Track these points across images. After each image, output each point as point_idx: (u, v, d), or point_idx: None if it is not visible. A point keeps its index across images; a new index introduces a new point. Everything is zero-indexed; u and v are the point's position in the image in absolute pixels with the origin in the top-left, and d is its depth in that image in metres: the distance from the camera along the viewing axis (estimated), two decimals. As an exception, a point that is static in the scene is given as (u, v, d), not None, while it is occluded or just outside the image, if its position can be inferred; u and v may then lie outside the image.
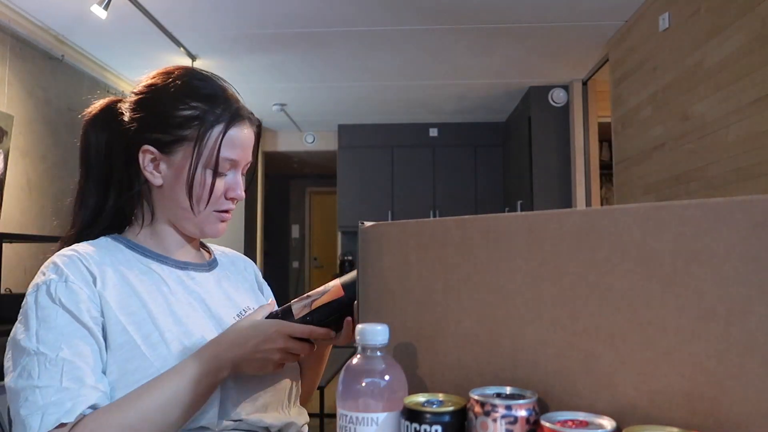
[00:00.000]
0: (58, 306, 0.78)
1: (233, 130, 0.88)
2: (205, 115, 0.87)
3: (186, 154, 0.87)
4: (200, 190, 0.87)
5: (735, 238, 0.48)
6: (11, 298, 2.99)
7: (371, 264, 0.73)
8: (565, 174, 4.79)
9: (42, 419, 0.71)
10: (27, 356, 0.75)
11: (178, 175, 0.87)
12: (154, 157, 0.88)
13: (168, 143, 0.87)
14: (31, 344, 0.75)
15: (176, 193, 0.88)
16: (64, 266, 0.81)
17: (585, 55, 4.16)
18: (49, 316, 0.77)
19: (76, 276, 0.81)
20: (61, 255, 0.84)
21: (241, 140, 0.89)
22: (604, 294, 0.54)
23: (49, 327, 0.76)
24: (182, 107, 0.87)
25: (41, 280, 0.81)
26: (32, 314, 0.78)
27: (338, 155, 6.21)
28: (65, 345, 0.75)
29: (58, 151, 3.85)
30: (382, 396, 0.56)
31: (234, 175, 0.91)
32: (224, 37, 3.85)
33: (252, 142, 0.92)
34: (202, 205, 0.88)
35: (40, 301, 0.79)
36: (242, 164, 0.91)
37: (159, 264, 0.89)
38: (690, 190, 2.81)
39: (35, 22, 3.52)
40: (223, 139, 0.87)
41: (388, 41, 3.92)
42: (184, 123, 0.86)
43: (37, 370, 0.73)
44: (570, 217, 0.57)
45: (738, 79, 2.43)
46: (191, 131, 0.86)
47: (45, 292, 0.79)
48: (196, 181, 0.87)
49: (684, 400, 0.50)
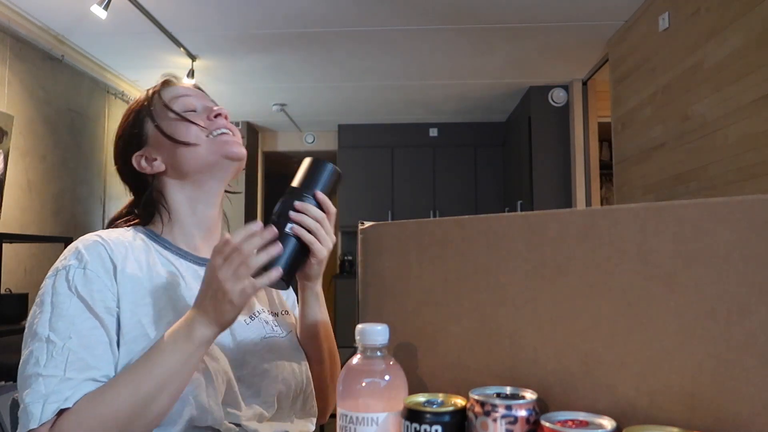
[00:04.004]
0: (73, 293, 0.79)
1: (168, 87, 0.98)
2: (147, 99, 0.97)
3: (155, 130, 0.94)
4: (183, 128, 0.92)
5: (735, 238, 0.48)
6: (11, 298, 3.00)
7: (371, 264, 0.73)
8: (565, 174, 4.79)
9: (43, 408, 0.72)
10: (38, 342, 0.76)
11: (164, 144, 0.93)
12: (141, 153, 0.94)
13: (139, 135, 0.95)
14: (42, 330, 0.77)
15: (176, 154, 0.92)
16: (86, 252, 0.82)
17: (585, 55, 4.16)
18: (63, 303, 0.78)
19: (96, 263, 0.82)
20: (85, 240, 0.85)
21: (178, 88, 0.97)
22: (604, 294, 0.54)
23: (61, 315, 0.78)
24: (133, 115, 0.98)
25: (61, 265, 0.82)
26: (48, 299, 0.79)
27: (338, 155, 6.21)
28: (74, 334, 0.76)
29: (58, 151, 3.85)
30: (382, 396, 0.57)
31: (203, 108, 0.96)
32: (224, 37, 3.85)
33: (196, 89, 1.00)
34: (193, 133, 0.91)
35: (56, 286, 0.80)
36: (199, 100, 0.97)
37: (178, 258, 0.91)
38: (690, 190, 2.81)
39: (35, 22, 3.52)
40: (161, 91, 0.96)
41: (388, 41, 3.92)
42: (140, 115, 0.96)
43: (44, 358, 0.75)
44: (570, 217, 0.57)
45: (738, 79, 2.43)
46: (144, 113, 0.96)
47: (63, 277, 0.80)
48: (173, 128, 0.92)
49: (684, 400, 0.50)
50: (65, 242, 3.34)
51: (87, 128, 4.17)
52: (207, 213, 0.95)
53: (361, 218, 0.94)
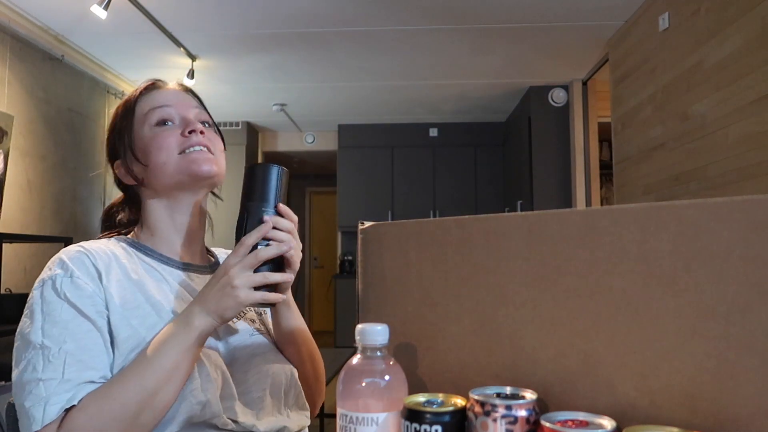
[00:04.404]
0: (63, 300, 0.79)
1: (152, 91, 0.95)
2: (127, 105, 0.96)
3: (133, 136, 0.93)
4: (154, 146, 0.90)
5: (735, 238, 0.48)
6: (11, 298, 3.00)
7: (371, 264, 0.73)
8: (565, 174, 4.79)
9: (45, 410, 0.72)
10: (33, 350, 0.76)
11: (140, 154, 0.92)
12: (120, 163, 0.95)
13: (119, 146, 0.95)
14: (36, 338, 0.77)
15: (147, 170, 0.91)
16: (70, 262, 0.83)
17: (585, 55, 4.16)
18: (54, 311, 0.78)
19: (81, 271, 0.82)
20: (68, 251, 0.85)
21: (162, 94, 0.94)
22: (604, 294, 0.54)
23: (54, 321, 0.78)
24: (117, 122, 0.97)
25: (47, 275, 0.82)
26: (38, 308, 0.79)
27: (338, 155, 6.21)
28: (69, 338, 0.77)
29: (58, 151, 3.85)
30: (382, 396, 0.57)
31: (181, 120, 0.93)
32: (224, 37, 3.85)
33: (181, 94, 0.96)
34: (163, 151, 0.90)
35: (45, 295, 0.80)
36: (180, 110, 0.93)
37: (160, 263, 0.91)
38: (690, 190, 2.81)
39: (35, 22, 3.52)
40: (140, 99, 0.94)
41: (388, 41, 3.92)
42: (120, 125, 0.95)
43: (42, 364, 0.75)
44: (570, 217, 0.57)
45: (738, 79, 2.43)
46: (122, 125, 0.95)
47: (51, 287, 0.80)
48: (144, 143, 0.91)
49: (684, 400, 0.50)
50: (65, 242, 3.34)
51: (87, 128, 4.17)
52: (185, 221, 0.94)
53: (361, 218, 0.94)
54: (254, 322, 0.97)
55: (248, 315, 0.97)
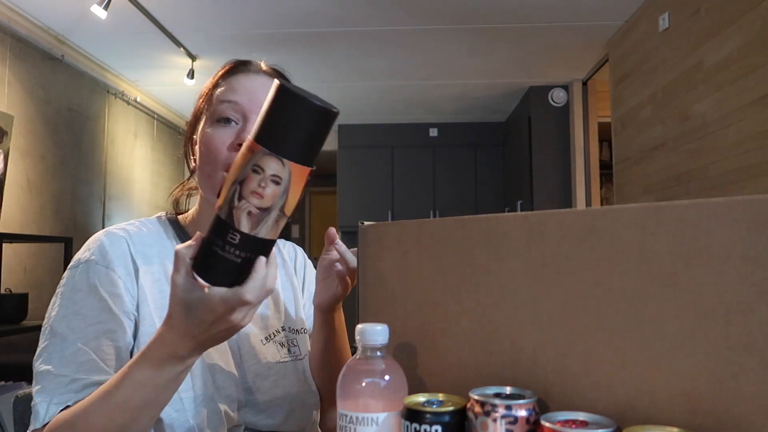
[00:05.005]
0: (93, 292, 0.78)
1: (233, 77, 0.87)
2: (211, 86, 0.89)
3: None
4: (205, 143, 0.84)
5: (735, 238, 0.48)
6: (11, 298, 2.99)
7: (371, 264, 0.73)
8: (565, 174, 4.79)
9: (47, 408, 0.72)
10: (53, 337, 0.76)
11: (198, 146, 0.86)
12: (193, 142, 0.89)
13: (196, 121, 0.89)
14: (59, 326, 0.76)
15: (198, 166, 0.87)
16: (109, 248, 0.80)
17: (585, 55, 4.16)
18: (81, 301, 0.78)
19: (119, 263, 0.80)
20: (111, 234, 0.83)
21: (242, 83, 0.86)
22: (604, 294, 0.54)
23: (78, 312, 0.77)
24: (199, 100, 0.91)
25: (84, 257, 0.80)
26: (67, 294, 0.79)
27: (338, 155, 6.20)
28: (90, 334, 0.76)
29: (58, 151, 3.85)
30: (382, 396, 0.57)
31: (244, 124, 0.82)
32: (224, 37, 3.85)
33: (260, 88, 0.85)
34: (209, 165, 0.82)
35: (77, 282, 0.79)
36: (247, 108, 0.83)
37: None
38: (690, 190, 2.81)
39: (35, 22, 3.52)
40: (220, 81, 0.87)
41: (388, 41, 3.92)
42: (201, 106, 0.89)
43: (57, 356, 0.75)
44: (570, 217, 0.57)
45: (738, 79, 2.43)
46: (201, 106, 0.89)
47: (84, 272, 0.79)
48: (203, 136, 0.85)
49: (684, 400, 0.50)
50: (65, 242, 3.34)
51: (87, 128, 4.17)
52: None
53: (361, 218, 0.94)
54: (284, 346, 0.92)
55: (278, 338, 0.92)
